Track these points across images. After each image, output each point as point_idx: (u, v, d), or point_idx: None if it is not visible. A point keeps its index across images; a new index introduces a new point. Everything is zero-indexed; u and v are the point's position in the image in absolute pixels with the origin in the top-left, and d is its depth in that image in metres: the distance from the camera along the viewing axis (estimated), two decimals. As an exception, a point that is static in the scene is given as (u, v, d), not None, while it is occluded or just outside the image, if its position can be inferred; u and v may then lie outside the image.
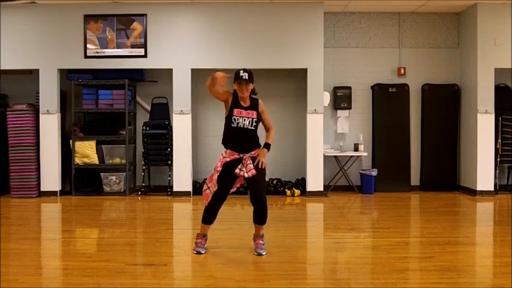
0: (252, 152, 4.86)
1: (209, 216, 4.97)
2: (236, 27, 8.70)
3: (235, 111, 4.82)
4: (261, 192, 4.86)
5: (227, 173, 4.83)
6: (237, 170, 4.77)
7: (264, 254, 4.93)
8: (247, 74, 4.80)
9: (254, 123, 4.84)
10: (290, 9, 8.61)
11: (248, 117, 4.82)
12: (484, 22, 8.68)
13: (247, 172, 4.75)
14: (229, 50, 8.69)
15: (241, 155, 4.82)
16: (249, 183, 4.87)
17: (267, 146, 4.93)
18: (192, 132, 8.83)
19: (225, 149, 4.91)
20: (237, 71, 4.85)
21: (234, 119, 4.81)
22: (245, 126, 4.81)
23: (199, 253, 4.92)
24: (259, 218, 4.91)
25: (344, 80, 9.41)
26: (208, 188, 4.94)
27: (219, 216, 5.01)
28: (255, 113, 4.86)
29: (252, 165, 4.77)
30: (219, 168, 4.85)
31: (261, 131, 4.95)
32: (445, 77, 9.45)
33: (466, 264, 4.70)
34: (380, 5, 8.95)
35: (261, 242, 5.02)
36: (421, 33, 9.45)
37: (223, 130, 4.98)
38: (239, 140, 4.85)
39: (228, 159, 4.84)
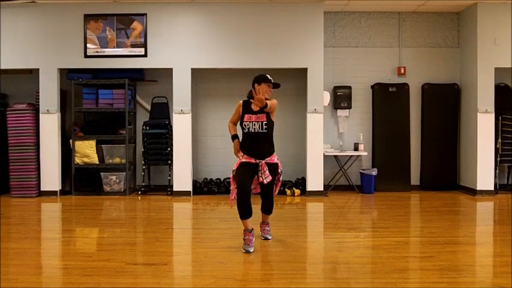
0: (267, 159, 5.03)
1: (241, 211, 4.98)
2: (236, 27, 8.70)
3: (246, 117, 5.02)
4: (270, 194, 5.26)
5: (243, 169, 4.99)
6: (256, 177, 5.03)
7: (270, 238, 5.40)
8: (272, 79, 5.09)
9: (265, 126, 4.97)
10: (290, 9, 8.61)
11: (258, 121, 4.98)
12: (484, 21, 8.69)
13: (265, 178, 4.98)
14: (229, 50, 8.69)
15: (257, 161, 4.99)
16: (261, 186, 5.15)
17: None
18: (192, 131, 8.83)
19: (241, 153, 5.08)
20: (263, 75, 5.07)
21: (245, 125, 5.00)
22: (256, 131, 4.97)
23: (248, 252, 4.88)
24: (266, 209, 5.35)
25: (344, 80, 9.41)
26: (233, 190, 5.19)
27: (219, 215, 5.02)
28: (265, 115, 5.00)
29: (268, 173, 5.00)
30: (235, 168, 5.07)
31: (277, 138, 5.22)
32: (445, 77, 9.45)
33: (466, 264, 4.70)
34: (380, 4, 8.95)
35: (267, 228, 5.45)
36: (421, 33, 9.44)
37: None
38: (253, 145, 5.02)
39: (243, 161, 5.03)
